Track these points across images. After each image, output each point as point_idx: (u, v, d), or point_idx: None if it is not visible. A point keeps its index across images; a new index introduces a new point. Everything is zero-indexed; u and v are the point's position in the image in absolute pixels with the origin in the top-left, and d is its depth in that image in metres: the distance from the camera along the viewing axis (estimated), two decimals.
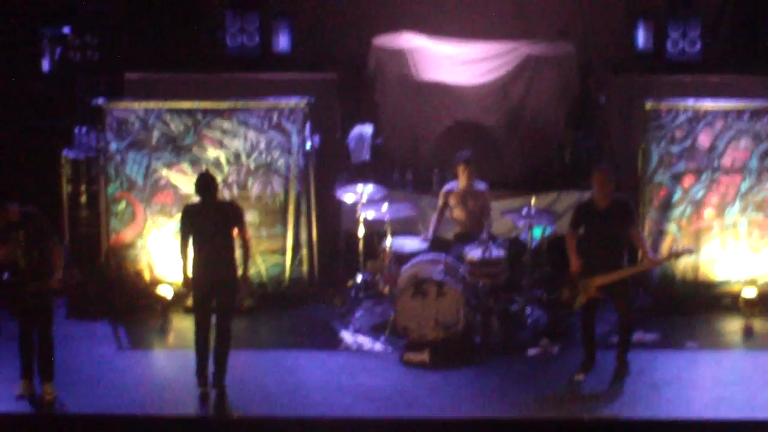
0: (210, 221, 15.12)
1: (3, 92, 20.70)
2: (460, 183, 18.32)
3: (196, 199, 16.04)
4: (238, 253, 15.47)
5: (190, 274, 15.38)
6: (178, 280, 17.17)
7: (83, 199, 18.74)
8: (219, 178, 17.81)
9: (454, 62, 21.05)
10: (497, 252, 17.72)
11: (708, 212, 18.46)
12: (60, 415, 14.44)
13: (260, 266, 18.78)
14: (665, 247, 18.46)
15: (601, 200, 15.50)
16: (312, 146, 18.87)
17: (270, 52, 21.36)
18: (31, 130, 20.45)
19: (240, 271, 15.44)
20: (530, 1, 22.73)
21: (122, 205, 18.58)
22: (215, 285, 15.29)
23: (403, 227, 18.99)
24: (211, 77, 20.35)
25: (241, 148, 18.54)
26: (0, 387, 15.37)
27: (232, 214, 15.43)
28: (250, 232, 16.66)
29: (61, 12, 20.09)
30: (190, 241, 15.22)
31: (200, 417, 14.96)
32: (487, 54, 21.11)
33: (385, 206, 18.30)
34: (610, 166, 16.84)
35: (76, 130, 19.21)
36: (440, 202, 18.55)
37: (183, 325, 18.16)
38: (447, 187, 18.52)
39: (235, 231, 15.32)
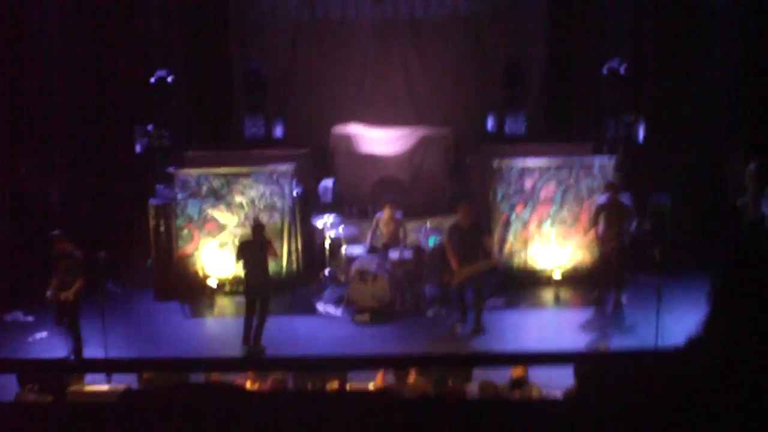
0: (258, 249, 16.29)
1: (114, 166, 20.90)
2: (385, 214, 18.62)
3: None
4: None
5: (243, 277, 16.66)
6: (221, 276, 18.82)
7: (162, 228, 19.23)
8: (242, 215, 18.92)
9: (379, 141, 21.70)
10: (408, 253, 18.40)
11: (532, 227, 19.19)
12: (140, 359, 14.43)
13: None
14: (506, 249, 19.25)
15: (465, 222, 16.69)
16: (297, 193, 19.43)
17: (271, 137, 21.99)
18: (129, 188, 20.74)
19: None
20: (424, 101, 23.39)
21: (185, 232, 19.19)
22: (260, 286, 16.59)
23: (352, 240, 19.40)
24: (236, 153, 20.60)
25: (255, 195, 19.13)
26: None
27: (267, 244, 16.59)
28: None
29: (147, 116, 20.20)
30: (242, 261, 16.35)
31: (235, 356, 15.50)
32: (399, 135, 21.76)
33: (341, 228, 19.25)
34: (469, 202, 17.73)
35: (157, 187, 19.67)
36: (374, 224, 18.78)
37: (222, 303, 19.10)
38: (377, 215, 18.76)
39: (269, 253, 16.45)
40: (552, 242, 19.32)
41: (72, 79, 21.14)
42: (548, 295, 19.08)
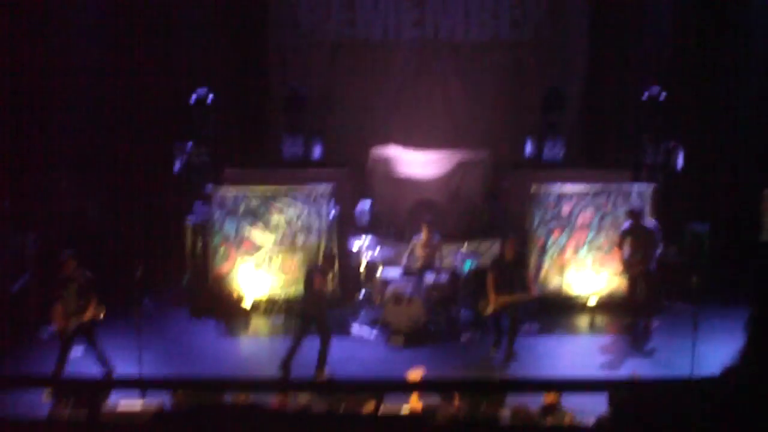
0: (317, 277, 16.39)
1: (152, 183, 20.91)
2: (423, 235, 18.67)
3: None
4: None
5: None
6: (257, 295, 18.85)
7: (199, 246, 19.31)
8: (279, 234, 18.95)
9: (417, 164, 21.70)
10: (444, 277, 18.39)
11: (568, 252, 19.12)
12: (174, 377, 14.80)
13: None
14: (542, 274, 19.14)
15: (509, 256, 16.77)
16: (334, 214, 19.30)
17: (309, 157, 21.79)
18: (167, 205, 20.74)
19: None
20: (462, 123, 23.31)
21: (222, 250, 19.06)
22: (315, 313, 16.42)
23: (388, 262, 19.18)
24: (275, 173, 20.48)
25: (293, 215, 19.02)
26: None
27: (327, 273, 17.00)
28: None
29: (186, 134, 20.36)
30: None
31: (270, 378, 15.54)
32: (437, 158, 21.75)
33: (377, 250, 19.06)
34: (515, 236, 17.69)
35: (195, 205, 19.76)
36: (410, 247, 18.86)
37: (258, 323, 18.97)
38: (415, 238, 18.83)
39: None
40: (588, 268, 19.24)
41: (112, 96, 21.32)
42: (584, 321, 18.99)
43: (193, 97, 20.48)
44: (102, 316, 15.44)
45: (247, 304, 19.23)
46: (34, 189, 19.67)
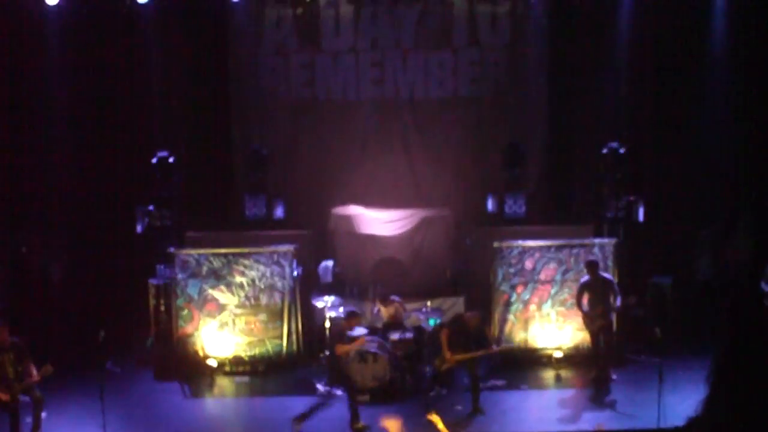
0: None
1: (114, 245, 20.92)
2: (380, 309, 19.06)
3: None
4: None
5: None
6: (221, 355, 18.82)
7: (162, 308, 19.26)
8: (242, 295, 18.99)
9: (379, 222, 21.67)
10: (408, 334, 18.28)
11: (532, 307, 19.14)
12: None
13: (268, 346, 19.21)
14: (507, 329, 19.24)
15: (471, 326, 16.71)
16: (297, 273, 19.27)
17: (271, 218, 21.83)
18: (130, 267, 20.66)
19: None
20: (424, 181, 23.35)
21: (185, 311, 19.03)
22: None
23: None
24: (237, 234, 20.67)
25: (256, 275, 19.04)
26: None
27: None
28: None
29: (148, 196, 20.20)
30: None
31: None
32: (399, 217, 21.74)
33: (341, 309, 18.96)
34: (479, 313, 17.43)
35: (157, 267, 19.71)
36: (375, 308, 19.20)
37: (223, 383, 18.84)
38: (376, 306, 19.23)
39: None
40: (552, 322, 19.30)
41: (73, 158, 21.41)
42: (549, 375, 18.95)
43: (155, 158, 20.38)
44: (49, 374, 15.06)
45: (212, 364, 19.09)
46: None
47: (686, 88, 21.96)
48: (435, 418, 15.41)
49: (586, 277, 18.02)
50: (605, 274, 18.05)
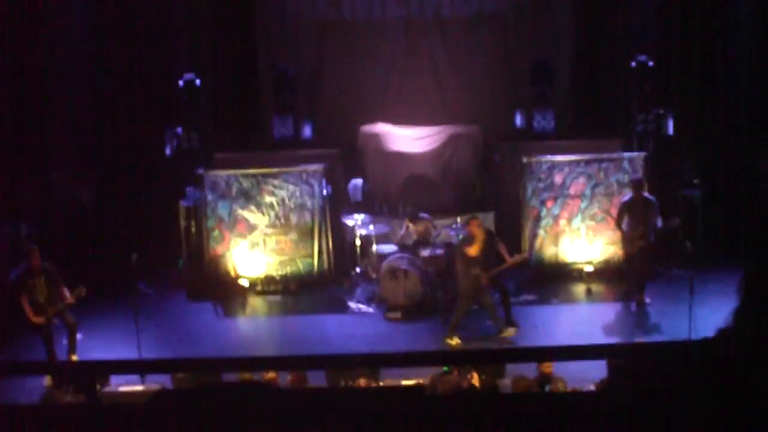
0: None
1: (144, 168, 20.90)
2: (409, 227, 18.99)
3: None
4: None
5: None
6: (253, 275, 18.99)
7: (193, 230, 19.36)
8: (272, 214, 19.12)
9: (408, 139, 21.53)
10: (439, 251, 18.34)
11: (562, 222, 19.24)
12: (173, 359, 14.09)
13: (299, 265, 19.36)
14: (537, 244, 19.39)
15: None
16: (327, 192, 19.37)
17: (299, 138, 21.89)
18: (160, 190, 20.81)
19: None
20: (452, 99, 23.11)
21: (216, 233, 19.19)
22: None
23: (383, 238, 19.38)
24: (266, 154, 20.65)
25: (285, 195, 19.17)
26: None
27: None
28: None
29: (176, 118, 20.21)
30: None
31: (268, 356, 15.25)
32: (427, 134, 21.56)
33: (371, 226, 19.08)
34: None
35: (187, 189, 19.78)
36: (404, 226, 19.16)
37: (255, 303, 19.04)
38: (405, 223, 19.17)
39: None
40: (582, 237, 19.35)
41: (100, 82, 21.35)
42: (580, 289, 19.03)
43: (181, 82, 20.32)
44: (83, 296, 15.25)
45: (243, 284, 19.27)
46: (28, 177, 19.57)
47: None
48: (454, 342, 15.53)
49: (627, 196, 17.90)
50: (648, 195, 17.75)
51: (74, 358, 15.33)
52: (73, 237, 19.69)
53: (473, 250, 16.15)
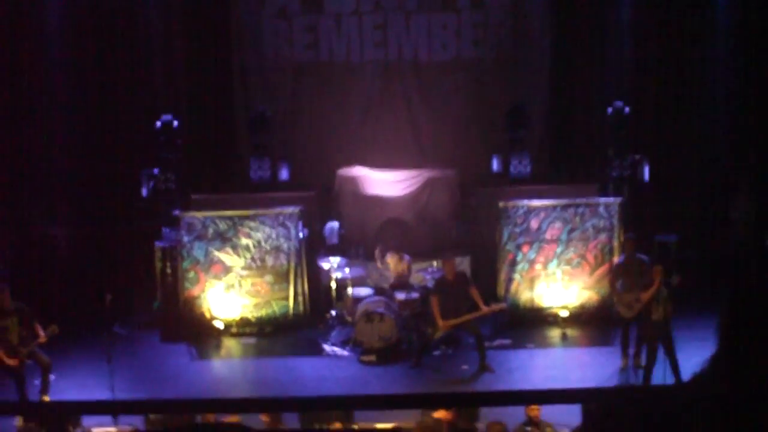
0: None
1: (120, 210, 20.93)
2: (390, 261, 19.11)
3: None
4: None
5: None
6: (228, 317, 18.95)
7: (168, 271, 19.21)
8: (248, 257, 19.05)
9: (385, 183, 21.49)
10: (414, 294, 18.49)
11: (538, 266, 19.21)
12: (147, 400, 14.16)
13: (274, 307, 19.34)
14: (513, 288, 19.38)
15: (450, 275, 16.96)
16: (303, 235, 19.38)
17: (276, 180, 21.65)
18: (136, 230, 20.71)
19: None
20: (428, 142, 23.22)
21: (192, 274, 19.11)
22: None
23: (358, 281, 19.45)
24: (242, 196, 20.66)
25: (261, 237, 19.15)
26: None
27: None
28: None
29: (152, 159, 20.16)
30: None
31: (241, 398, 14.77)
32: (404, 177, 21.52)
33: (347, 269, 19.17)
34: (452, 256, 18.04)
35: (163, 230, 19.75)
36: (385, 256, 19.23)
37: (229, 344, 18.98)
38: (387, 257, 19.23)
39: None
40: (558, 282, 19.34)
41: (77, 122, 21.32)
42: (555, 334, 19.04)
43: (159, 123, 20.32)
44: (55, 334, 15.19)
45: (218, 326, 19.27)
46: (3, 215, 19.62)
47: (690, 47, 21.86)
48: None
49: (621, 258, 17.82)
50: (642, 256, 17.50)
51: (46, 398, 15.23)
52: (47, 276, 19.59)
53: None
